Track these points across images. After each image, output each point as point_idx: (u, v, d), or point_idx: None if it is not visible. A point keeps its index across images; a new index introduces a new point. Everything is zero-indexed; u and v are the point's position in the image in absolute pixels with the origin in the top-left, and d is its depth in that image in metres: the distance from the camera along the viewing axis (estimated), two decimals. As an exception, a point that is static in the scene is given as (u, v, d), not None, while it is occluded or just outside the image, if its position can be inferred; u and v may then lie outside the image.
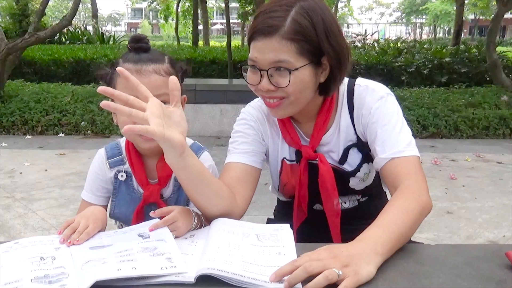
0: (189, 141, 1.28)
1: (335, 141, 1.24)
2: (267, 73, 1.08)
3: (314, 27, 1.06)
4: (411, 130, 1.18)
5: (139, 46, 1.15)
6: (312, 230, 1.29)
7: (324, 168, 1.22)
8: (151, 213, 1.03)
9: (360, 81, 1.23)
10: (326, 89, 1.16)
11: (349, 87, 1.22)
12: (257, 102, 1.33)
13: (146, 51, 1.15)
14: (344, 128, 1.23)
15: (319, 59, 1.09)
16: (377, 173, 1.27)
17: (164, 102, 1.09)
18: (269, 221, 1.48)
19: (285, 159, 1.29)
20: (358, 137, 1.23)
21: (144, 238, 0.97)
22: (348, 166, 1.25)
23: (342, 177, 1.24)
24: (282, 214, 1.47)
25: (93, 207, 1.11)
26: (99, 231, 1.03)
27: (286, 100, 1.12)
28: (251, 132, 1.28)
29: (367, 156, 1.23)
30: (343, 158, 1.24)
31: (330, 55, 1.09)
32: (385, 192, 1.41)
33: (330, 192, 1.23)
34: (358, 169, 1.25)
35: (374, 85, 1.22)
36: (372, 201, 1.34)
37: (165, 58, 1.17)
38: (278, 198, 1.47)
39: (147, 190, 1.20)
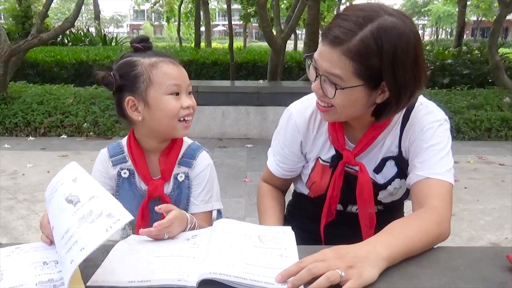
0: (189, 141, 1.31)
1: (377, 150, 1.22)
2: (321, 77, 1.06)
3: (381, 54, 0.98)
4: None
5: (148, 45, 1.22)
6: (336, 229, 1.29)
7: (363, 178, 1.20)
8: (156, 208, 1.05)
9: (423, 100, 1.20)
10: (379, 114, 1.11)
11: (411, 102, 1.17)
12: (308, 100, 1.28)
13: (152, 49, 1.22)
14: (390, 140, 1.21)
15: (378, 82, 1.03)
16: (407, 190, 1.25)
17: (191, 92, 1.24)
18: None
19: (319, 158, 1.28)
20: (400, 151, 1.21)
21: (75, 203, 0.86)
22: (381, 178, 1.23)
23: (373, 189, 1.23)
24: (297, 209, 1.46)
25: None
26: None
27: (333, 109, 1.09)
28: (293, 139, 1.29)
29: (402, 171, 1.22)
30: (379, 168, 1.23)
31: (389, 86, 1.03)
32: (403, 203, 1.40)
33: (367, 202, 1.22)
34: (389, 182, 1.23)
35: (435, 108, 1.20)
36: (390, 211, 1.33)
37: None
38: (294, 191, 1.46)
39: (151, 185, 1.23)
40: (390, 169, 1.23)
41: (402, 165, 1.21)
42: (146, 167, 1.24)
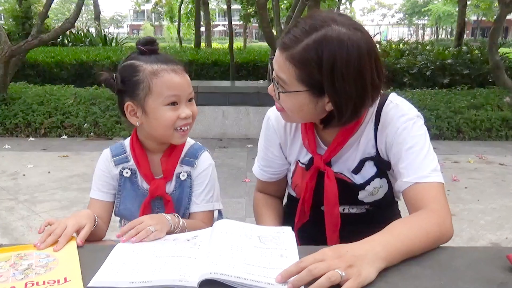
0: (191, 141, 1.32)
1: (352, 151, 1.22)
2: (274, 79, 1.09)
3: (321, 63, 0.99)
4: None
5: (154, 49, 1.20)
6: (314, 230, 1.30)
7: (329, 184, 1.21)
8: (117, 236, 1.04)
9: (393, 98, 1.19)
10: (326, 122, 1.13)
11: (381, 101, 1.17)
12: None
13: (157, 53, 1.20)
14: (365, 140, 1.20)
15: (323, 90, 1.04)
16: (389, 189, 1.26)
17: (192, 100, 1.22)
18: None
19: (299, 161, 1.30)
20: (377, 151, 1.20)
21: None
22: (360, 178, 1.23)
23: (351, 189, 1.24)
24: (291, 210, 1.47)
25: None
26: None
27: (284, 111, 1.13)
28: (273, 142, 1.32)
29: (382, 171, 1.22)
30: (357, 169, 1.23)
31: (330, 96, 1.04)
32: (397, 202, 1.40)
33: (331, 206, 1.24)
34: (368, 182, 1.23)
35: (405, 105, 1.18)
36: (381, 210, 1.33)
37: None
38: (289, 193, 1.47)
39: (153, 184, 1.24)
40: (369, 169, 1.22)
41: (381, 165, 1.21)
42: (148, 167, 1.25)
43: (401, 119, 1.14)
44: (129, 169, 1.28)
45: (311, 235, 1.28)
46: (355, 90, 1.03)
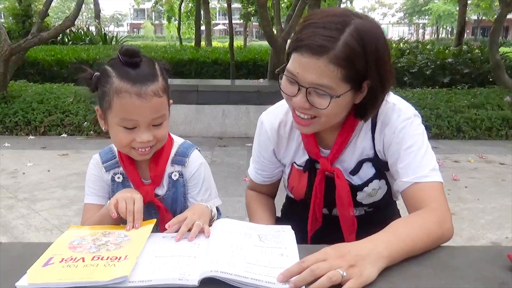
0: (179, 140, 1.30)
1: (348, 152, 1.21)
2: (306, 90, 1.03)
3: (366, 55, 0.99)
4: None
5: (132, 62, 1.10)
6: (324, 234, 1.29)
7: (340, 183, 1.20)
8: (166, 226, 1.05)
9: (389, 97, 1.16)
10: (364, 112, 1.12)
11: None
12: (277, 108, 1.30)
13: (137, 65, 1.11)
14: (362, 141, 1.19)
15: (361, 83, 1.04)
16: (388, 190, 1.25)
17: (160, 124, 1.13)
18: (277, 220, 1.47)
19: (294, 163, 1.29)
20: (375, 152, 1.19)
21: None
22: (358, 179, 1.22)
23: (350, 192, 1.22)
24: (289, 212, 1.47)
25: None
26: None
27: (317, 120, 1.08)
28: (266, 147, 1.32)
29: (380, 172, 1.21)
30: (355, 170, 1.22)
31: (375, 82, 1.04)
32: (395, 202, 1.40)
33: (346, 205, 1.22)
34: (367, 183, 1.22)
35: (402, 104, 1.17)
36: (380, 211, 1.32)
37: (157, 71, 1.14)
38: (287, 194, 1.47)
39: (141, 191, 1.22)
40: (367, 170, 1.21)
41: (380, 166, 1.20)
42: (136, 173, 1.23)
43: (399, 119, 1.14)
44: (120, 174, 1.26)
45: (324, 239, 1.28)
46: (390, 71, 1.07)
